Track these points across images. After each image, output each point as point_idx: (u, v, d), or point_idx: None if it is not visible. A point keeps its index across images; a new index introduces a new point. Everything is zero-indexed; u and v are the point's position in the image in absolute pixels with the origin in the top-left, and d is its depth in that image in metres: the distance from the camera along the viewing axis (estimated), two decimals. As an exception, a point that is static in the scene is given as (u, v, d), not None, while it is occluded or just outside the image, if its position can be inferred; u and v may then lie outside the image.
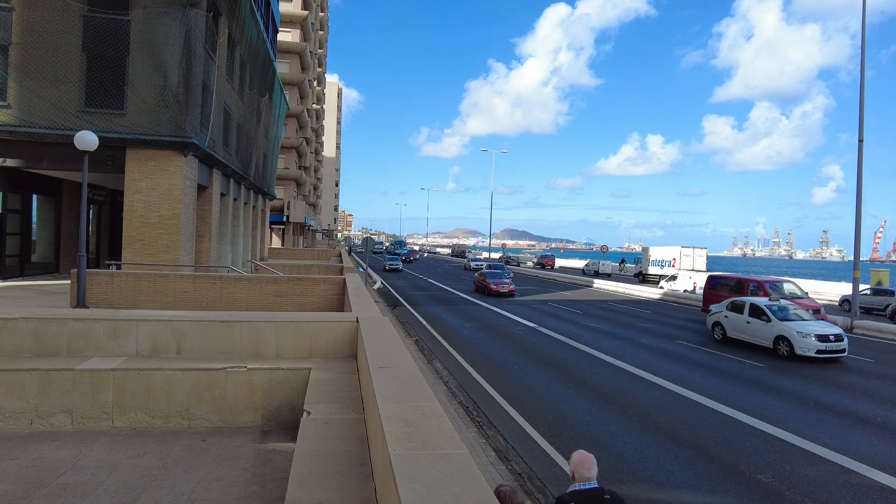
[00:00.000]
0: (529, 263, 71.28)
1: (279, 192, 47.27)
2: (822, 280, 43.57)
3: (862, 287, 33.53)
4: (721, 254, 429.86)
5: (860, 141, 23.14)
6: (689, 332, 20.80)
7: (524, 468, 8.01)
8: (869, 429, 10.04)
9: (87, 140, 11.51)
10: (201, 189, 19.42)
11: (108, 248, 22.81)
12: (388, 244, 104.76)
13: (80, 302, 11.74)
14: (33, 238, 19.30)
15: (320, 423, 4.47)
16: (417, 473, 2.47)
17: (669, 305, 30.83)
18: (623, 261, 56.83)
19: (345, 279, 12.80)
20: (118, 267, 15.49)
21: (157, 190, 16.07)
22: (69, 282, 12.75)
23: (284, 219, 49.38)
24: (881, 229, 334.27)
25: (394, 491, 2.38)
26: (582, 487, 3.67)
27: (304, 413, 4.75)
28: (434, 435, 2.97)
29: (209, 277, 13.83)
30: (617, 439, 9.19)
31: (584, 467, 3.68)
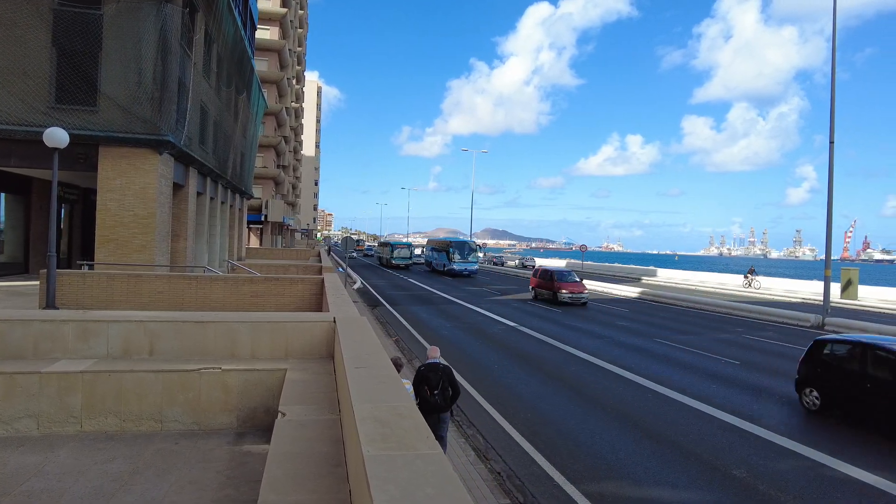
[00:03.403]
0: (511, 264, 71.72)
1: (257, 191, 46.71)
2: (794, 279, 44.54)
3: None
4: (698, 253, 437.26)
5: (831, 143, 23.69)
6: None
7: (503, 467, 8.02)
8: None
9: (56, 137, 11.22)
10: (177, 188, 19.08)
11: (81, 248, 22.29)
12: (441, 246, 51.78)
13: (50, 303, 11.43)
14: (1, 238, 18.77)
15: (295, 425, 4.40)
16: (391, 474, 2.43)
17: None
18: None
19: (323, 279, 12.68)
20: (90, 267, 15.13)
21: (132, 188, 15.73)
22: (38, 283, 12.42)
23: (262, 218, 48.82)
24: (851, 229, 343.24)
25: (367, 492, 2.34)
26: (429, 361, 7.66)
27: (279, 414, 4.67)
28: (409, 435, 2.93)
29: (184, 277, 13.58)
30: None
31: (431, 353, 7.89)
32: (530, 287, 31.93)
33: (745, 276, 42.21)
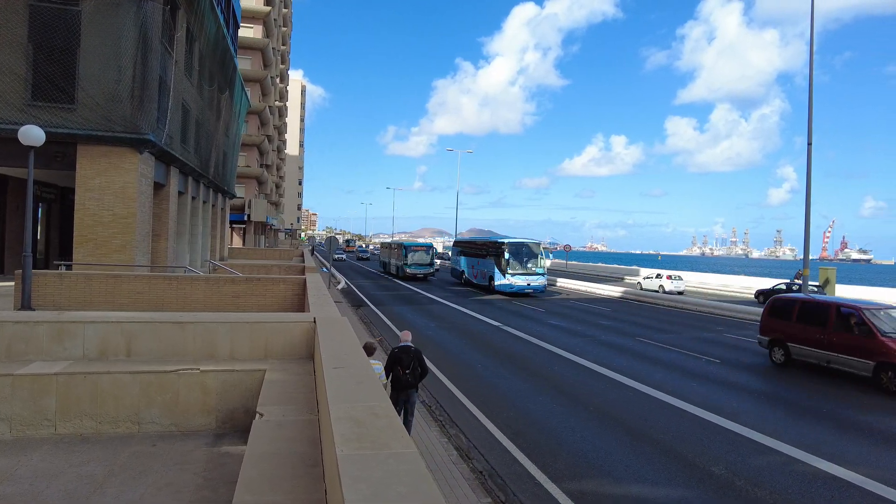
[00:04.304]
0: None
1: (240, 190, 46.26)
2: (775, 278, 45.24)
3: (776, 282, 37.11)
4: (680, 253, 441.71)
5: (809, 144, 24.10)
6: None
7: (485, 466, 8.05)
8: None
9: (32, 135, 11.02)
10: (158, 187, 18.85)
11: (59, 248, 21.90)
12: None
13: (25, 304, 11.23)
14: (-24, 238, 18.38)
15: (273, 425, 4.38)
16: (364, 473, 2.43)
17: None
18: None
19: (305, 279, 12.61)
20: (68, 267, 14.88)
21: (111, 188, 15.49)
22: (14, 283, 12.19)
23: (245, 218, 48.38)
24: (829, 229, 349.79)
25: (339, 491, 2.34)
26: (401, 345, 8.37)
27: (257, 415, 4.65)
28: (384, 434, 2.93)
29: (165, 278, 13.43)
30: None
31: (404, 336, 8.64)
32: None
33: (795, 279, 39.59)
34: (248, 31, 47.84)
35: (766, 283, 39.42)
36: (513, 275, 31.21)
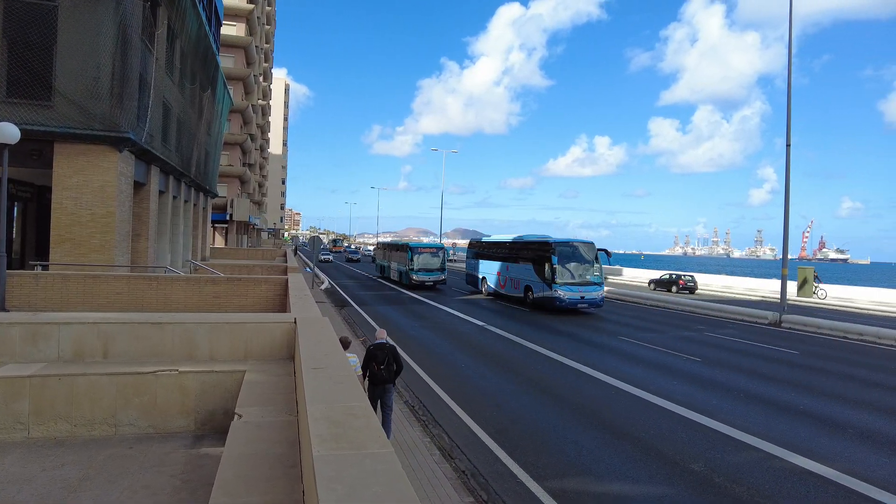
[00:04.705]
0: None
1: (222, 189, 45.79)
2: (757, 278, 45.96)
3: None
4: (663, 253, 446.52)
5: (788, 146, 24.52)
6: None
7: (468, 465, 8.06)
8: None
9: (6, 132, 10.81)
10: (138, 186, 18.58)
11: (36, 248, 21.47)
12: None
13: None
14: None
15: (251, 426, 4.34)
16: (339, 474, 2.42)
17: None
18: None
19: (287, 279, 12.52)
20: (44, 268, 14.60)
21: (90, 187, 15.24)
22: (-12, 284, 11.93)
23: (228, 217, 47.89)
24: (808, 229, 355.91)
25: (314, 492, 2.33)
26: (377, 342, 8.71)
27: (235, 416, 4.60)
28: (361, 434, 2.93)
29: (145, 278, 13.25)
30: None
31: (379, 334, 9.03)
32: None
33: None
34: (230, 29, 47.37)
35: (762, 284, 41.40)
36: (562, 285, 24.41)
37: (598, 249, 26.09)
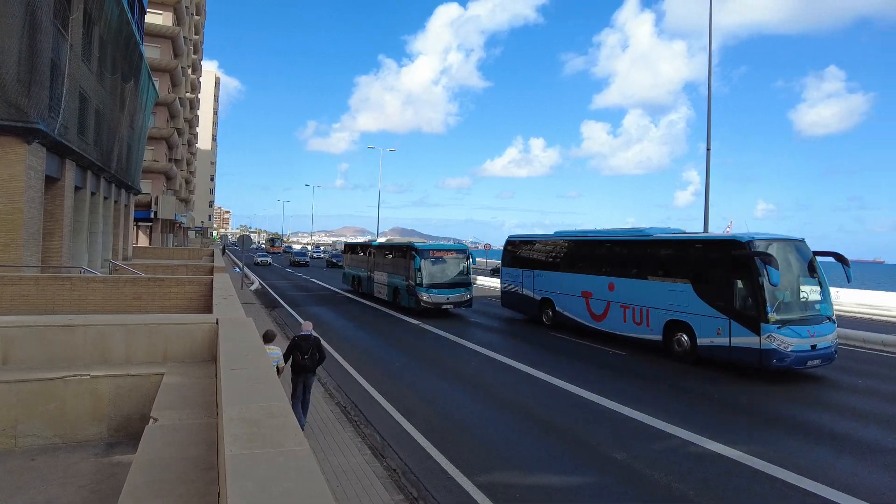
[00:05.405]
0: None
1: (146, 186, 43.50)
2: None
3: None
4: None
5: (707, 150, 26.03)
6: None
7: (399, 464, 8.05)
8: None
9: None
10: (51, 181, 17.37)
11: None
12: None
13: None
14: None
15: (167, 430, 4.17)
16: (251, 471, 2.38)
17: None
18: None
19: (213, 279, 12.08)
20: (-60, 268, 13.38)
21: (-7, 180, 14.11)
22: None
23: (152, 215, 45.57)
24: (728, 229, 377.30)
25: (224, 490, 2.28)
26: (302, 333, 9.04)
27: (151, 420, 4.41)
28: (277, 434, 2.89)
29: (56, 279, 12.41)
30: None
31: (305, 326, 9.36)
32: None
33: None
34: (156, 18, 45.15)
35: None
36: (785, 327, 12.69)
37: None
